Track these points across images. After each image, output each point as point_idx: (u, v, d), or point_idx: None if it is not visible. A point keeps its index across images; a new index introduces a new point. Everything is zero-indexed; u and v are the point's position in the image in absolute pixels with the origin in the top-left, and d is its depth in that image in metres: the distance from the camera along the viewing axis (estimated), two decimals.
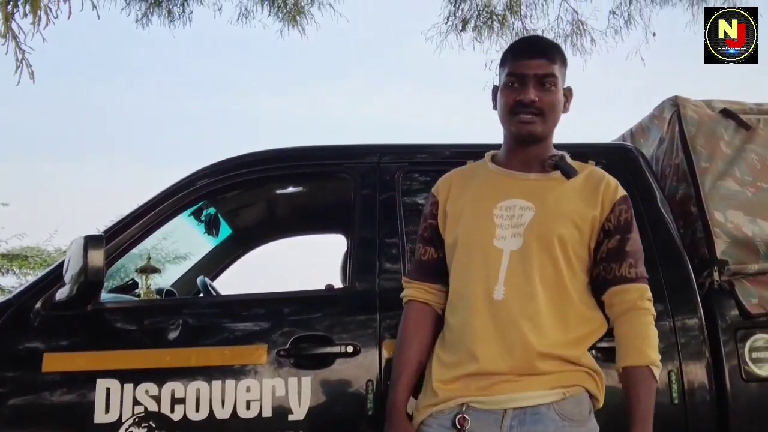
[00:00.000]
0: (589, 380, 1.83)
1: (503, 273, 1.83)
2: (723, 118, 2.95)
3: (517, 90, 1.89)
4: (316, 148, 2.93)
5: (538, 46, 1.97)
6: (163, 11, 6.43)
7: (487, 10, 6.83)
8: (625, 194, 1.96)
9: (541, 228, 1.85)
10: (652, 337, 1.85)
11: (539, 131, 1.91)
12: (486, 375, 1.78)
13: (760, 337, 2.57)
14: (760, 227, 2.73)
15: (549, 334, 1.80)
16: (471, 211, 1.93)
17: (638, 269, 1.89)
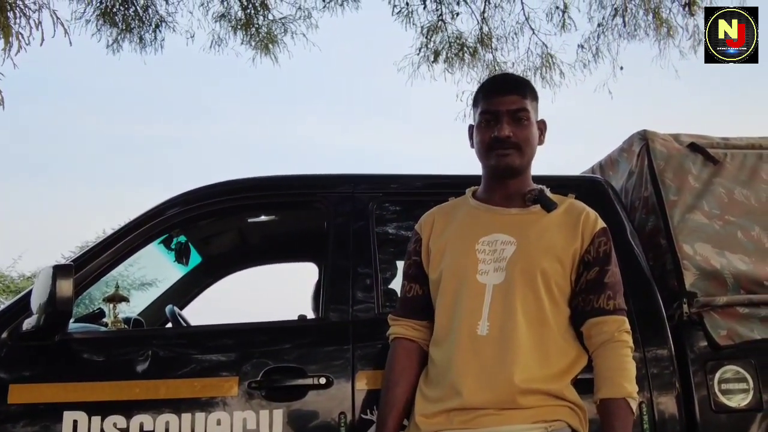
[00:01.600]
0: (571, 415, 1.84)
1: (487, 308, 1.84)
2: (691, 152, 3.00)
3: (492, 127, 1.92)
4: (289, 178, 2.92)
5: (509, 83, 2.01)
6: (135, 37, 6.43)
7: (459, 42, 6.92)
8: (604, 227, 1.99)
9: (523, 262, 1.87)
10: (630, 369, 1.86)
11: (517, 164, 1.94)
12: (469, 410, 1.79)
13: (729, 369, 2.59)
14: (728, 260, 2.77)
15: (531, 368, 1.80)
16: (454, 246, 1.95)
17: (616, 301, 1.91)
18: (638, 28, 6.63)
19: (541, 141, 2.03)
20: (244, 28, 6.62)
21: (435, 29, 6.88)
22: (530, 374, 1.80)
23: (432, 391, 1.87)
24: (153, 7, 6.39)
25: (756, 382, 2.57)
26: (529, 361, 1.81)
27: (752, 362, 2.61)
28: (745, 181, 2.99)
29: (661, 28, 6.53)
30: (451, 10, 6.81)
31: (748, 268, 2.77)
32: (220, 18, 6.72)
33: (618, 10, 6.62)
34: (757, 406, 2.55)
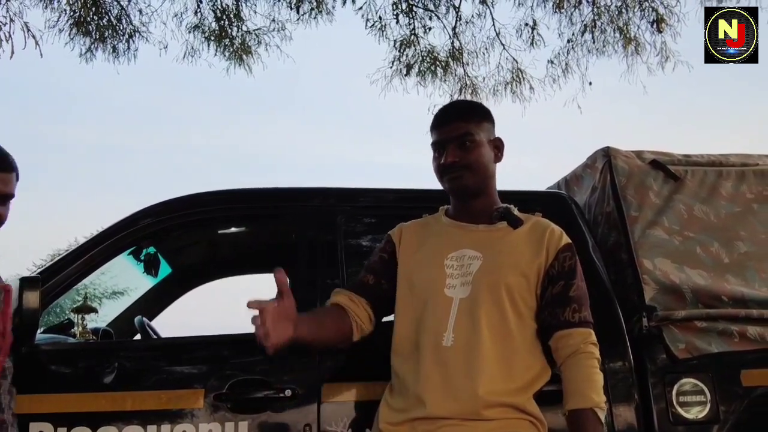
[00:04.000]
0: (532, 429, 1.89)
1: (452, 320, 1.89)
2: (652, 169, 3.07)
3: (440, 156, 2.01)
4: (259, 191, 2.94)
5: (450, 112, 2.09)
6: (108, 47, 6.42)
7: (431, 56, 6.99)
8: (569, 242, 2.05)
9: (488, 276, 1.93)
10: (597, 380, 1.90)
11: (471, 184, 2.01)
12: (432, 419, 1.83)
13: (687, 381, 2.65)
14: (687, 275, 2.83)
15: (495, 381, 1.85)
16: (425, 261, 2.01)
17: (582, 314, 1.96)
18: (607, 44, 6.76)
19: (498, 158, 2.09)
20: (217, 39, 6.62)
21: (408, 43, 6.94)
22: (494, 387, 1.84)
23: (397, 401, 1.92)
24: (126, 17, 6.39)
25: (713, 395, 2.64)
26: (493, 373, 1.85)
27: (710, 375, 2.67)
28: (705, 197, 3.06)
29: (630, 45, 6.66)
30: (424, 24, 6.89)
31: (706, 283, 2.83)
32: (193, 29, 6.74)
33: (587, 26, 6.73)
34: (714, 418, 2.62)
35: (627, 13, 6.59)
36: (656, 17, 6.46)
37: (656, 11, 6.48)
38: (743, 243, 2.99)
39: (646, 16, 6.54)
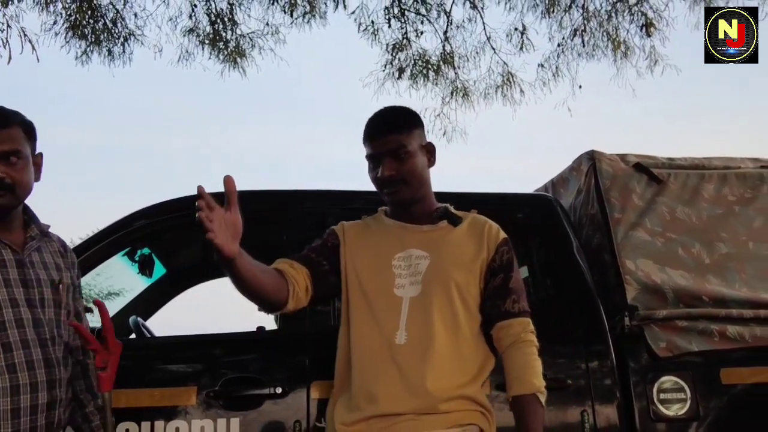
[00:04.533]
0: (482, 419, 1.96)
1: (404, 319, 1.95)
2: (636, 172, 3.14)
3: (375, 169, 2.03)
4: (252, 193, 2.99)
5: (382, 125, 2.07)
6: (103, 50, 6.46)
7: (423, 59, 7.04)
8: (506, 237, 2.11)
9: (437, 275, 1.99)
10: (537, 366, 1.96)
11: (408, 196, 2.05)
12: (388, 416, 1.88)
13: (667, 379, 2.72)
14: (669, 275, 2.90)
15: (449, 375, 1.91)
16: (370, 262, 2.05)
17: (521, 304, 2.03)
18: (597, 48, 6.81)
19: (431, 163, 2.12)
20: (212, 42, 6.66)
21: (400, 47, 6.98)
22: (449, 381, 1.91)
23: (351, 400, 1.95)
24: (122, 20, 6.44)
25: (693, 392, 2.71)
26: (447, 367, 1.92)
27: (690, 373, 2.74)
28: (687, 200, 3.13)
29: (619, 49, 6.72)
30: (416, 28, 6.92)
31: (687, 283, 2.90)
32: (188, 32, 6.76)
33: (577, 30, 6.78)
34: (694, 416, 2.69)
35: (616, 18, 6.66)
36: (645, 21, 6.52)
37: (645, 15, 6.55)
38: (724, 244, 3.06)
39: (636, 20, 6.62)
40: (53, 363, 1.84)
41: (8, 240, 1.90)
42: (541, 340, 2.66)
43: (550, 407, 2.58)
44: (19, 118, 1.95)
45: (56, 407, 1.84)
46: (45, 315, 1.88)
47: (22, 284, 1.86)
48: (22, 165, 1.89)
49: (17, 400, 1.76)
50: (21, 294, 1.85)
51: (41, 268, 1.92)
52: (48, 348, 1.84)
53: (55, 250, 2.03)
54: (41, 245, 1.98)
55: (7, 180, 1.85)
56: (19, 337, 1.80)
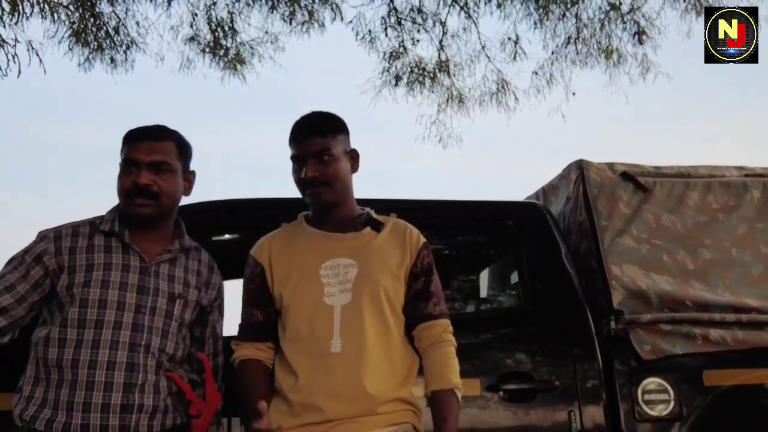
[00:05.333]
0: (414, 417, 2.03)
1: (337, 327, 1.98)
2: (623, 181, 3.22)
3: (299, 171, 2.07)
4: (253, 201, 3.10)
5: (307, 128, 2.11)
6: (106, 57, 6.58)
7: (419, 67, 7.14)
8: (425, 241, 2.16)
9: (367, 282, 2.02)
10: (455, 364, 2.04)
11: (330, 199, 2.08)
12: (327, 421, 1.92)
13: (651, 381, 2.80)
14: (654, 280, 2.99)
15: (384, 379, 1.97)
16: (297, 273, 2.07)
17: (441, 307, 2.10)
18: (590, 56, 6.90)
19: (354, 169, 2.17)
20: (212, 50, 6.78)
21: (396, 55, 7.09)
22: (384, 384, 1.96)
23: (290, 407, 1.97)
24: (124, 28, 6.56)
25: (676, 394, 2.78)
26: (381, 372, 1.97)
27: (673, 375, 2.82)
28: (672, 207, 3.21)
29: (612, 57, 6.81)
30: (412, 37, 7.02)
31: (672, 288, 2.99)
32: (189, 41, 6.89)
33: (571, 38, 6.87)
34: (677, 416, 2.76)
35: (609, 26, 6.75)
36: (638, 30, 6.62)
37: (638, 24, 6.64)
38: (708, 251, 3.14)
39: (628, 28, 6.71)
40: (137, 368, 1.91)
41: (141, 248, 2.02)
42: (530, 343, 2.82)
43: (539, 407, 2.70)
44: (173, 135, 2.11)
45: (133, 411, 1.89)
46: (152, 323, 1.97)
47: (138, 290, 1.98)
48: (170, 177, 2.04)
49: (90, 395, 1.86)
50: (133, 299, 1.96)
51: (165, 280, 2.03)
52: (136, 353, 1.92)
53: (193, 268, 2.13)
54: (178, 259, 2.09)
55: (153, 188, 2.00)
56: (111, 337, 1.91)
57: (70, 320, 1.92)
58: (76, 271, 1.97)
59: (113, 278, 1.97)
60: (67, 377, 1.88)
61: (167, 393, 1.99)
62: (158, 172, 2.02)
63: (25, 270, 1.98)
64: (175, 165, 2.06)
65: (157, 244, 2.07)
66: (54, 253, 1.99)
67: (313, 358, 1.97)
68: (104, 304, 1.93)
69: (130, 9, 6.56)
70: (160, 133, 2.08)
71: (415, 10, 6.91)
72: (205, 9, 6.77)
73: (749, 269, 3.15)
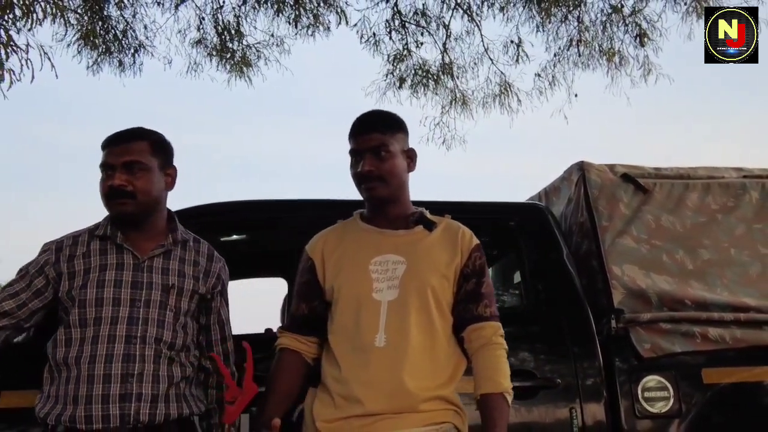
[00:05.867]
0: (457, 417, 2.03)
1: (383, 322, 2.00)
2: (623, 182, 3.28)
3: (356, 165, 2.10)
4: (260, 202, 3.16)
5: (367, 123, 2.15)
6: (114, 61, 6.66)
7: (423, 70, 7.20)
8: (478, 243, 2.15)
9: (414, 280, 2.04)
10: (505, 368, 2.03)
11: (384, 194, 2.10)
12: (367, 416, 1.94)
13: (651, 379, 2.85)
14: (653, 280, 3.04)
15: (426, 377, 1.98)
16: (348, 267, 2.10)
17: (492, 309, 2.09)
18: (592, 58, 6.96)
19: (411, 168, 2.18)
20: (219, 53, 6.85)
21: (400, 57, 7.16)
22: (426, 383, 1.97)
23: (333, 400, 2.00)
24: (132, 32, 6.63)
25: (676, 391, 2.83)
26: (424, 369, 1.98)
27: (673, 373, 2.87)
28: (671, 208, 3.26)
29: (613, 59, 6.86)
30: (416, 39, 7.09)
31: (671, 287, 3.04)
32: (196, 44, 6.97)
33: (573, 41, 6.93)
34: (677, 413, 2.81)
35: (611, 29, 6.80)
36: (639, 32, 6.67)
37: (639, 26, 6.70)
38: (707, 251, 3.19)
39: (630, 31, 6.76)
40: (133, 359, 1.99)
41: (133, 246, 2.11)
42: (533, 341, 2.87)
43: (541, 404, 2.75)
44: (146, 135, 2.16)
45: (132, 400, 1.97)
46: (147, 314, 2.05)
47: (132, 285, 2.06)
48: (144, 175, 2.09)
49: (91, 388, 1.95)
50: (128, 294, 2.04)
51: (158, 273, 2.10)
52: (132, 344, 2.00)
53: (189, 259, 2.20)
54: (172, 252, 2.16)
55: (128, 188, 2.06)
56: (108, 332, 2.00)
57: (72, 321, 2.03)
58: (75, 276, 2.07)
59: (108, 277, 2.06)
60: (72, 374, 1.98)
61: (170, 383, 2.06)
62: (132, 172, 2.07)
63: (29, 280, 2.10)
64: (149, 163, 2.11)
65: (149, 241, 2.14)
66: (53, 262, 2.11)
67: (357, 352, 2.00)
68: (101, 302, 2.03)
69: (138, 13, 6.66)
70: (131, 135, 2.13)
71: (419, 13, 6.98)
72: (212, 13, 6.85)
73: (747, 269, 3.20)
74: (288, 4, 6.60)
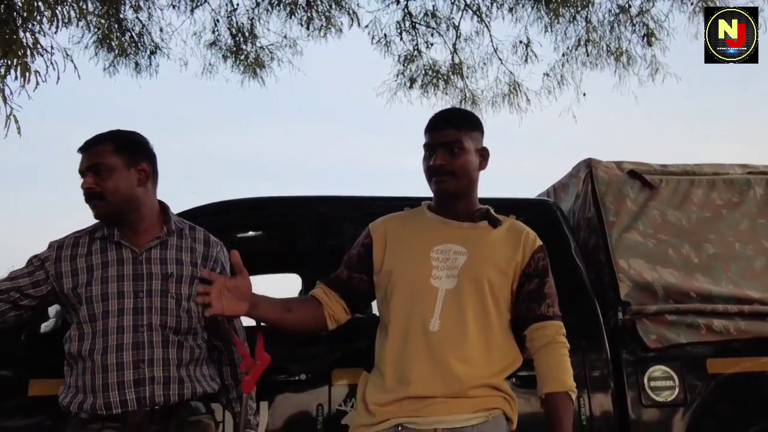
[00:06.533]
0: (506, 404, 2.05)
1: (438, 308, 2.03)
2: (630, 179, 3.36)
3: (429, 158, 2.13)
4: (275, 199, 3.24)
5: (442, 119, 2.19)
6: (130, 62, 6.79)
7: (433, 70, 7.28)
8: (542, 244, 2.19)
9: (473, 271, 2.06)
10: (568, 367, 2.07)
11: (453, 188, 2.13)
12: (419, 398, 1.97)
13: (657, 368, 2.93)
14: (659, 273, 3.12)
15: (478, 365, 2.00)
16: (410, 252, 2.12)
17: (554, 309, 2.12)
18: (600, 57, 7.01)
19: (482, 167, 2.20)
20: (234, 55, 6.96)
21: (411, 58, 7.24)
22: (478, 370, 1.99)
23: (385, 382, 2.04)
24: (148, 34, 6.75)
25: (681, 380, 2.92)
26: (476, 356, 2.00)
27: (678, 363, 2.95)
28: (677, 204, 3.34)
29: (621, 58, 6.92)
30: (426, 40, 7.17)
31: (676, 281, 3.12)
32: (210, 45, 7.09)
33: (581, 40, 6.99)
34: (682, 401, 2.90)
35: (619, 29, 6.85)
36: (646, 32, 6.72)
37: (647, 26, 6.74)
38: (712, 245, 3.27)
39: (637, 31, 6.81)
40: (142, 346, 2.11)
41: (129, 241, 2.21)
42: None
43: None
44: (108, 136, 2.24)
45: (145, 384, 2.09)
46: (151, 303, 2.15)
47: (133, 278, 2.16)
48: (108, 175, 2.18)
49: (106, 376, 2.08)
50: (130, 287, 2.15)
51: (157, 264, 2.20)
52: (140, 333, 2.12)
53: (186, 246, 2.29)
54: (168, 242, 2.26)
55: (96, 189, 2.16)
56: (116, 324, 2.12)
57: (82, 317, 2.14)
58: (78, 274, 2.18)
59: (110, 273, 2.17)
60: (88, 365, 2.10)
61: (179, 364, 2.17)
62: (97, 174, 2.17)
63: (32, 269, 2.22)
64: (113, 163, 2.19)
65: (144, 234, 2.24)
66: (54, 260, 2.22)
67: (411, 334, 2.03)
68: (106, 297, 2.14)
69: (153, 15, 6.77)
70: (95, 140, 2.23)
71: (429, 14, 7.06)
72: (226, 15, 6.97)
73: (751, 263, 3.27)
74: (300, 6, 6.70)
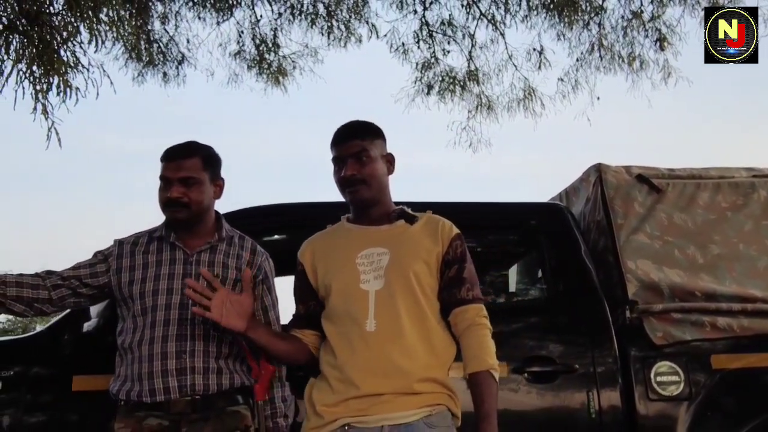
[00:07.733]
0: (450, 401, 2.08)
1: (372, 309, 2.09)
2: (638, 182, 3.46)
3: (339, 171, 2.22)
4: (293, 206, 3.39)
5: (347, 132, 2.26)
6: (158, 72, 7.03)
7: (450, 77, 7.41)
8: (458, 232, 2.24)
9: (398, 268, 2.13)
10: (490, 346, 2.10)
11: (367, 196, 2.20)
12: (366, 397, 2.01)
13: (663, 364, 3.04)
14: (665, 274, 3.23)
15: (419, 356, 2.05)
16: (337, 263, 2.21)
17: (474, 292, 2.16)
18: (613, 62, 7.10)
19: (390, 171, 2.29)
20: (258, 64, 7.16)
21: (428, 65, 7.38)
22: (421, 362, 2.04)
23: (331, 384, 2.07)
24: (174, 45, 6.99)
25: (686, 375, 3.02)
26: (417, 351, 2.05)
27: (683, 359, 3.05)
28: (683, 207, 3.45)
29: (634, 63, 7.01)
30: (443, 48, 7.31)
31: (682, 280, 3.23)
32: (235, 55, 7.31)
33: (594, 46, 7.09)
34: (687, 396, 3.00)
35: (631, 33, 6.94)
36: (659, 36, 6.81)
37: (659, 31, 6.83)
38: (716, 246, 3.37)
39: (650, 35, 6.90)
40: (185, 338, 2.31)
41: (184, 244, 2.44)
42: (553, 331, 3.08)
43: (560, 389, 2.93)
44: (199, 151, 2.46)
45: (187, 373, 2.28)
46: None
47: (182, 277, 2.37)
48: (197, 188, 2.41)
49: (151, 365, 2.28)
50: (179, 284, 2.36)
51: (204, 265, 2.40)
52: (184, 326, 2.32)
53: (233, 252, 2.48)
54: (218, 247, 2.46)
55: (183, 199, 2.39)
56: (163, 317, 2.33)
57: (134, 311, 2.37)
58: (135, 269, 2.41)
59: (162, 271, 2.39)
60: (135, 355, 2.31)
61: (218, 356, 2.36)
62: (186, 185, 2.39)
63: (94, 261, 2.48)
64: (201, 177, 2.42)
65: (199, 239, 2.46)
66: (116, 255, 2.46)
67: (350, 337, 2.08)
68: (156, 292, 2.36)
69: (179, 27, 7.01)
70: (187, 152, 2.44)
71: (446, 23, 7.20)
72: (250, 26, 7.18)
73: (755, 263, 3.37)
74: (321, 16, 6.89)
